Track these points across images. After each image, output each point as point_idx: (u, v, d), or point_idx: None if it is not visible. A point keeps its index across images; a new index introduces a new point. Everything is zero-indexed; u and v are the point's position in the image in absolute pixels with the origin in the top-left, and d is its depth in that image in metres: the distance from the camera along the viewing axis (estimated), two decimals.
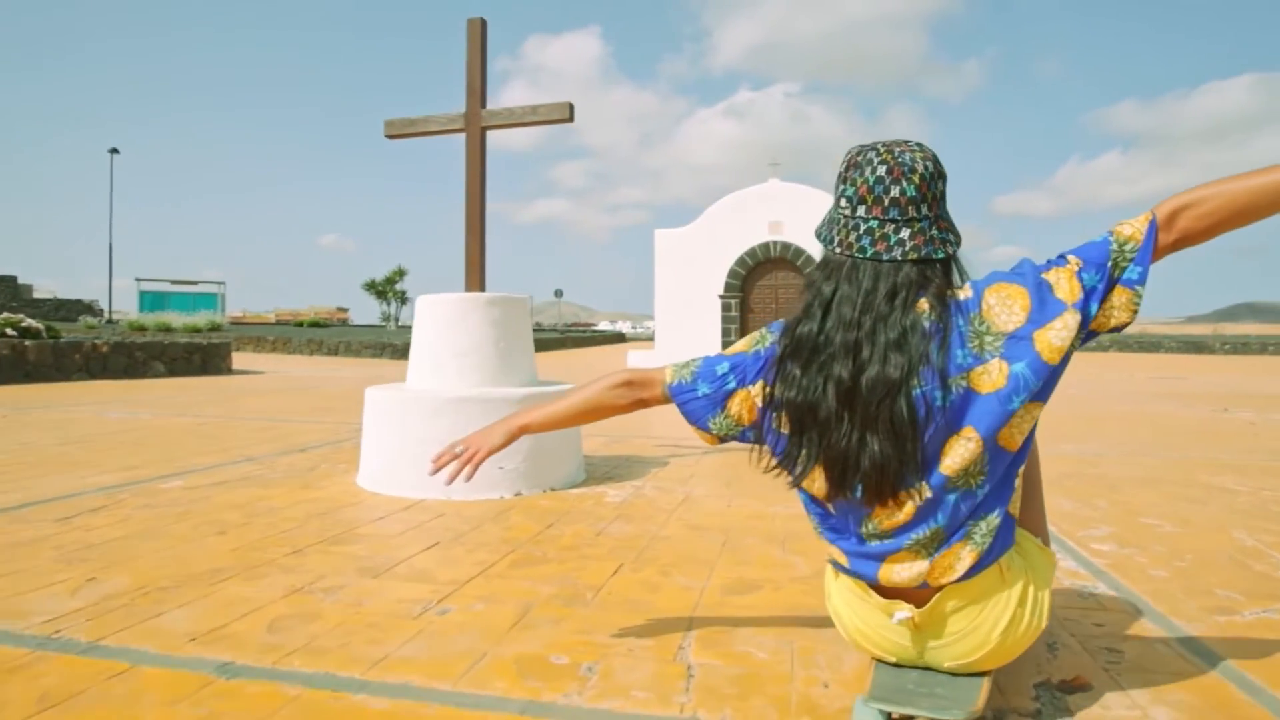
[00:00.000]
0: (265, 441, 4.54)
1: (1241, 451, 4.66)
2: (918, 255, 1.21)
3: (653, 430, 5.35)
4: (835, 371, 1.19)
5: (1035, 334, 1.17)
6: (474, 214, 3.54)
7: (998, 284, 1.22)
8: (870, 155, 1.24)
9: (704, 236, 17.92)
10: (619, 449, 4.44)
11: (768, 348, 1.32)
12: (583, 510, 2.87)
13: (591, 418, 1.49)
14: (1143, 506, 3.04)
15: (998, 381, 1.16)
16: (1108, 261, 1.19)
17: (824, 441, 1.20)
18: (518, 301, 3.42)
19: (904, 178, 1.21)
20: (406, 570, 2.08)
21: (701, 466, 3.88)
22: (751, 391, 1.32)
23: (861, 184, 1.22)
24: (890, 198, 1.21)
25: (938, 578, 1.21)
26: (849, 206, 1.24)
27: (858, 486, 1.19)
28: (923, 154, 1.23)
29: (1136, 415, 6.82)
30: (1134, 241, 1.20)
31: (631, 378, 1.45)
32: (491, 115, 3.52)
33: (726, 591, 1.97)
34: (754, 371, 1.33)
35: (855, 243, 1.23)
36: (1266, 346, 25.44)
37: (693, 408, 1.37)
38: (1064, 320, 1.17)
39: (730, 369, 1.35)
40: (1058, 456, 4.32)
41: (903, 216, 1.21)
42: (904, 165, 1.21)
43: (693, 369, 1.39)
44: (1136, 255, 1.19)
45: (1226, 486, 3.49)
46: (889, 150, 1.23)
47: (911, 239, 1.21)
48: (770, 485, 3.58)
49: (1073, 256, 1.22)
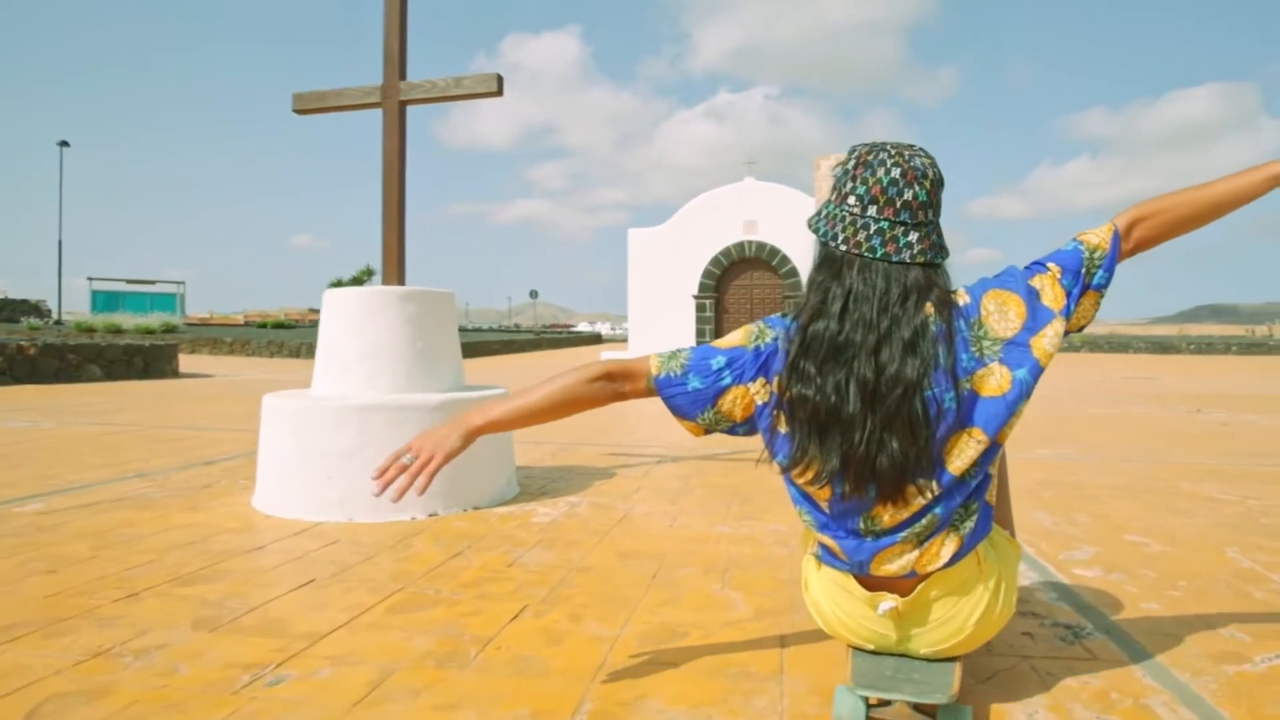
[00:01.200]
0: (170, 453, 4.13)
1: (1219, 454, 4.42)
2: (924, 259, 1.23)
3: (606, 437, 5.01)
4: (859, 371, 1.18)
5: (1031, 341, 1.23)
6: (392, 199, 3.17)
7: (994, 290, 1.26)
8: (882, 156, 1.24)
9: (678, 236, 17.62)
10: (565, 458, 4.09)
11: (768, 344, 1.30)
12: (502, 534, 2.52)
13: (564, 412, 1.38)
14: (1126, 520, 2.75)
15: (1002, 386, 1.20)
16: (1082, 269, 1.28)
17: (849, 442, 1.18)
18: (439, 297, 3.06)
19: (916, 182, 1.23)
20: (256, 620, 1.72)
21: (651, 478, 3.54)
22: (750, 389, 1.29)
23: (874, 184, 1.23)
24: (903, 200, 1.22)
25: (924, 565, 1.24)
26: (859, 205, 1.24)
27: (874, 486, 1.20)
28: (930, 161, 1.26)
29: (1111, 417, 6.60)
30: (1101, 250, 1.29)
31: (611, 369, 1.36)
32: (411, 88, 3.16)
33: (645, 641, 1.63)
34: (753, 369, 1.29)
35: (865, 242, 1.23)
36: (1230, 346, 25.96)
37: (681, 401, 1.32)
38: (1054, 327, 1.24)
39: (727, 364, 1.30)
40: (1034, 462, 4.04)
41: (912, 220, 1.23)
42: (917, 170, 1.23)
43: (683, 361, 1.33)
44: (1104, 262, 1.29)
45: (1210, 495, 3.22)
46: (899, 153, 1.24)
47: (919, 242, 1.23)
48: (720, 501, 3.23)
49: (1052, 264, 1.28)
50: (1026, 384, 1.21)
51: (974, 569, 1.27)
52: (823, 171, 13.81)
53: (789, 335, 1.26)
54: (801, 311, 1.27)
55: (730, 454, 4.30)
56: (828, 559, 1.32)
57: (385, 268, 3.19)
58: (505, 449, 3.13)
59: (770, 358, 1.28)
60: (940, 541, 1.23)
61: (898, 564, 1.24)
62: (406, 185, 3.19)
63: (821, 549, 1.34)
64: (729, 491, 3.24)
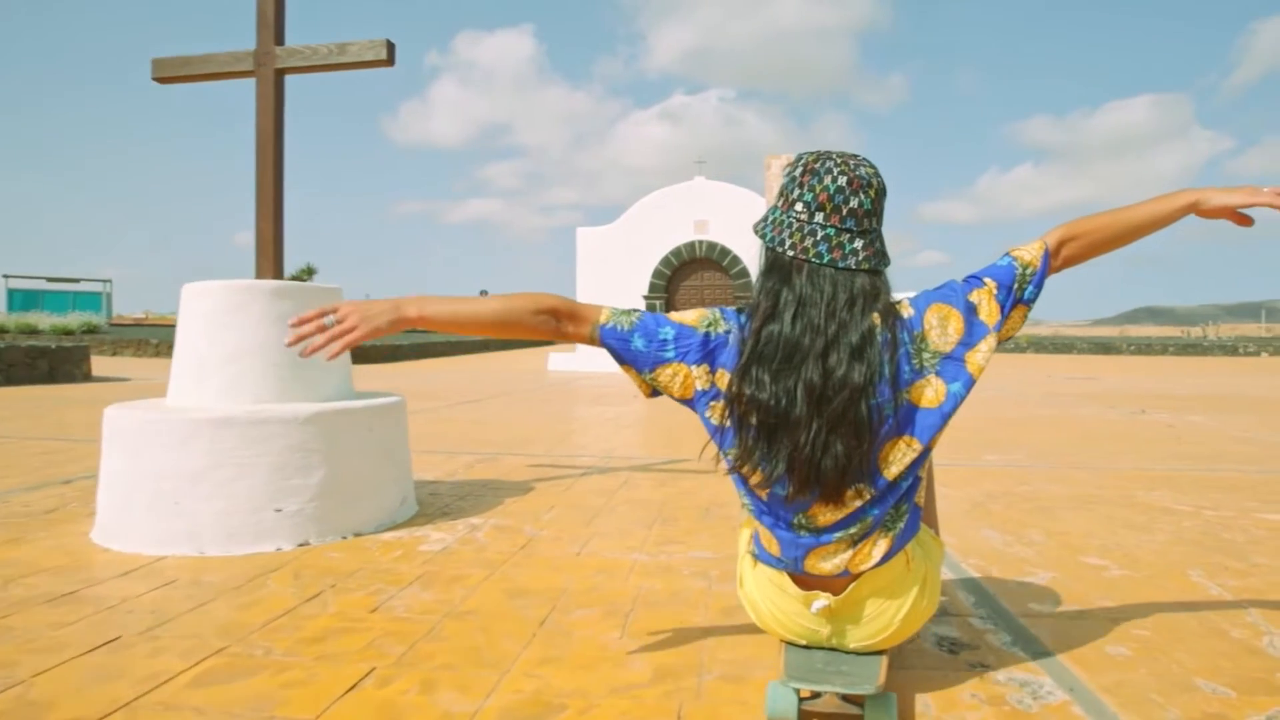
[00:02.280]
0: (27, 470, 3.65)
1: (1168, 458, 4.26)
2: (869, 266, 1.26)
3: (533, 446, 4.65)
4: (806, 375, 1.21)
5: (967, 355, 1.28)
6: (267, 180, 2.78)
7: (936, 304, 1.31)
8: (829, 165, 1.27)
9: (628, 236, 17.29)
10: (482, 470, 3.73)
11: (719, 335, 1.32)
12: (379, 567, 2.16)
13: (501, 332, 1.39)
14: (1082, 537, 2.51)
15: (938, 398, 1.26)
16: (1014, 284, 1.33)
17: (795, 444, 1.21)
18: (320, 293, 2.68)
19: (862, 190, 1.25)
20: (6, 705, 1.33)
21: (571, 494, 3.20)
22: (693, 372, 1.31)
23: (821, 191, 1.25)
24: (849, 208, 1.25)
25: (857, 565, 1.27)
26: (806, 212, 1.26)
27: (817, 489, 1.23)
28: (874, 170, 1.29)
29: (1058, 418, 6.48)
30: (1033, 267, 1.34)
31: (559, 306, 1.37)
32: (290, 54, 2.77)
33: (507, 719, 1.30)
34: (697, 353, 1.31)
35: (812, 248, 1.25)
36: (1167, 347, 26.78)
37: (624, 354, 1.35)
38: (987, 342, 1.29)
39: (674, 338, 1.33)
40: (982, 470, 3.81)
41: (858, 227, 1.26)
42: (862, 179, 1.26)
43: (633, 320, 1.36)
44: (1034, 279, 1.34)
45: (1166, 506, 3.01)
46: (845, 162, 1.27)
47: (864, 249, 1.26)
48: (642, 521, 2.89)
49: (988, 279, 1.33)
50: (960, 396, 1.26)
51: (903, 568, 1.31)
52: (774, 171, 13.62)
53: (741, 336, 1.28)
54: (754, 315, 1.28)
55: (665, 464, 3.99)
56: (764, 557, 1.36)
57: (259, 260, 2.79)
58: (401, 463, 2.76)
59: (718, 349, 1.30)
60: (873, 542, 1.27)
61: (832, 563, 1.28)
62: (285, 166, 2.80)
63: (758, 546, 1.37)
64: (654, 509, 2.92)
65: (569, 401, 8.00)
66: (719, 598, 1.91)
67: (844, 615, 1.30)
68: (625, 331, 1.34)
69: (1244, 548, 2.41)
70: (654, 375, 1.33)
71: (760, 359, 1.24)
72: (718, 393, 1.29)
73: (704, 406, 1.31)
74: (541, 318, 1.36)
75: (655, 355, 1.32)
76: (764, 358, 1.24)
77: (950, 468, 3.88)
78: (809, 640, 1.34)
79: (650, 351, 1.32)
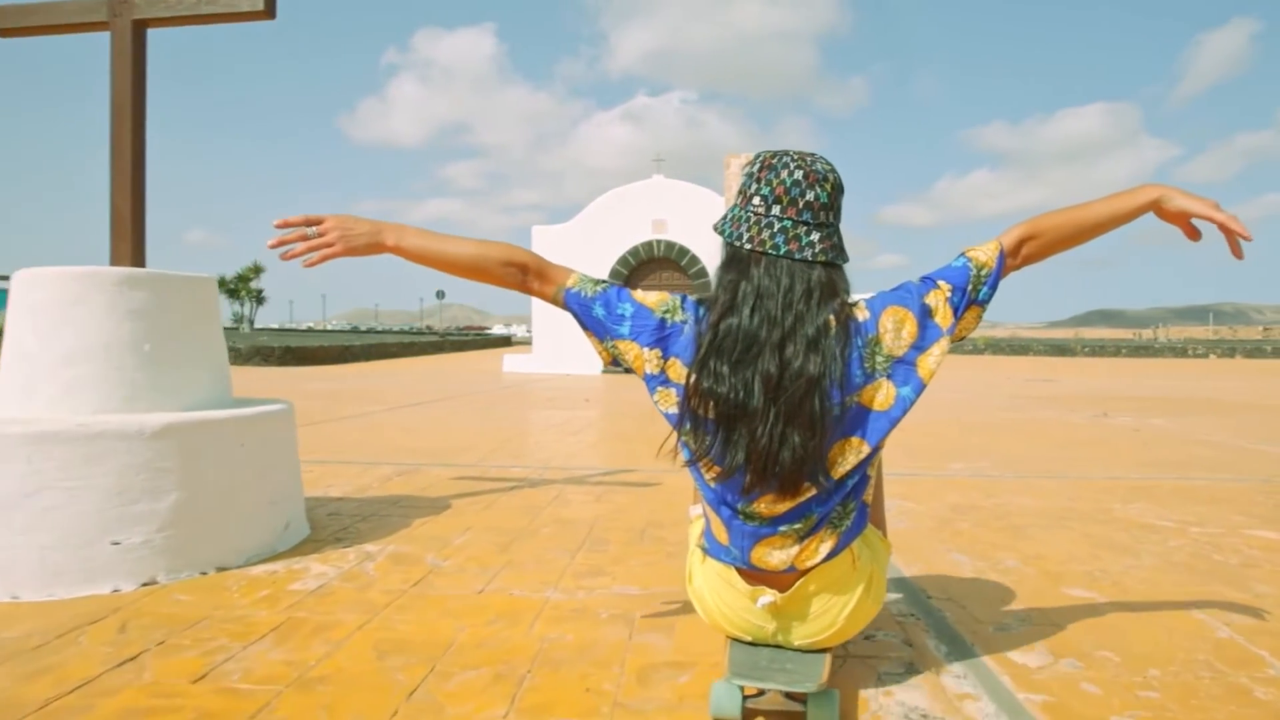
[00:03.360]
0: None
1: (1139, 466, 4.03)
2: (825, 258, 1.27)
3: (465, 455, 4.26)
4: (764, 367, 1.21)
5: (918, 359, 1.28)
6: (124, 150, 2.35)
7: (891, 307, 1.30)
8: (785, 160, 1.29)
9: (585, 234, 16.90)
10: (400, 485, 3.33)
11: (675, 324, 1.32)
12: (230, 614, 1.77)
13: (468, 275, 1.41)
14: (1061, 562, 2.22)
15: (888, 401, 1.27)
16: (968, 285, 1.33)
17: (753, 436, 1.21)
18: (185, 284, 2.27)
19: (818, 184, 1.27)
20: None
21: (492, 511, 2.83)
22: (644, 354, 1.32)
23: (778, 185, 1.27)
24: (805, 201, 1.26)
25: (804, 561, 1.28)
26: (763, 205, 1.28)
27: (775, 481, 1.22)
28: (831, 167, 1.31)
29: (1021, 422, 6.27)
30: (987, 268, 1.34)
31: (529, 262, 1.40)
32: (151, 3, 2.35)
33: None
34: (650, 336, 1.32)
35: (769, 240, 1.26)
36: (1120, 349, 27.31)
37: (585, 320, 1.37)
38: (940, 345, 1.30)
39: (631, 316, 1.34)
40: (948, 480, 3.53)
41: (814, 220, 1.27)
42: (818, 173, 1.28)
43: (598, 290, 1.38)
44: (988, 280, 1.34)
45: (1148, 522, 2.75)
46: (802, 158, 1.29)
47: (820, 242, 1.27)
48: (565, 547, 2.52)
49: (942, 281, 1.33)
50: (909, 400, 1.27)
51: (849, 565, 1.31)
52: (733, 170, 13.34)
53: (699, 329, 1.28)
54: (712, 308, 1.28)
55: (604, 475, 3.63)
56: (713, 550, 1.35)
57: (114, 243, 2.37)
58: (283, 481, 2.37)
59: (672, 337, 1.31)
60: (820, 538, 1.28)
61: (778, 557, 1.28)
62: (146, 134, 2.38)
63: (709, 539, 1.36)
64: (583, 530, 2.57)
65: (518, 405, 7.60)
66: (639, 653, 1.56)
67: (790, 611, 1.30)
68: (588, 298, 1.37)
69: (1241, 574, 2.14)
70: (613, 344, 1.35)
71: (719, 352, 1.23)
72: (666, 379, 1.31)
73: (653, 390, 1.32)
74: (510, 270, 1.39)
75: (612, 329, 1.34)
76: (723, 351, 1.23)
77: (914, 478, 3.60)
78: (755, 637, 1.34)
79: (608, 324, 1.35)
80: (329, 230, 1.36)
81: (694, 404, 1.24)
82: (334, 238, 1.36)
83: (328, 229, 1.36)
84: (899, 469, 3.84)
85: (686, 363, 1.28)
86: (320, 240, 1.35)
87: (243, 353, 17.25)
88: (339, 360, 19.16)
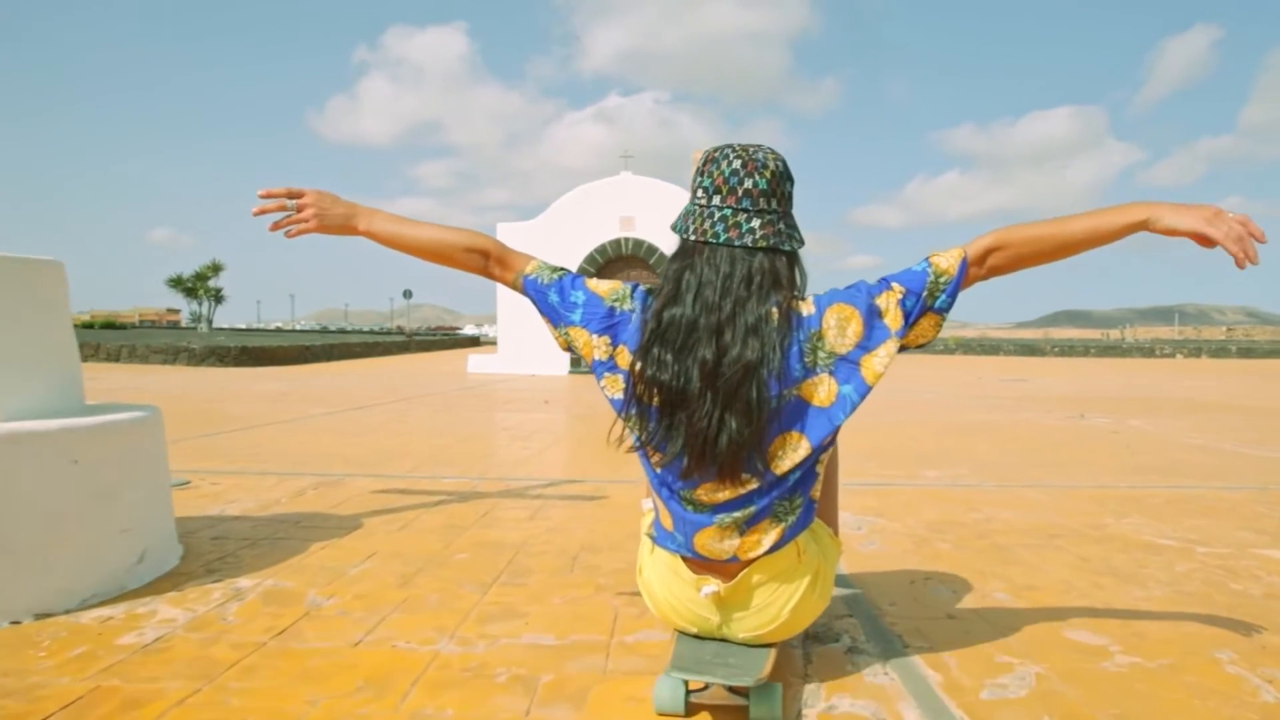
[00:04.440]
0: None
1: (1127, 473, 3.75)
2: (767, 244, 1.27)
3: (396, 464, 3.86)
4: (701, 354, 1.23)
5: (862, 359, 1.27)
6: None
7: (838, 304, 1.29)
8: (726, 151, 1.31)
9: (551, 232, 16.48)
10: (315, 499, 2.93)
11: (623, 312, 1.35)
12: (19, 683, 1.37)
13: (436, 260, 1.47)
14: (1059, 593, 1.90)
15: (829, 398, 1.25)
16: (924, 291, 1.30)
17: (690, 421, 1.22)
18: (16, 267, 1.86)
19: (757, 172, 1.28)
20: None
21: (406, 533, 2.45)
22: (593, 341, 1.35)
23: (718, 175, 1.29)
24: (744, 189, 1.27)
25: (746, 552, 1.28)
26: (705, 197, 1.30)
27: (714, 467, 1.23)
28: (774, 155, 1.31)
29: (997, 426, 6.00)
30: (947, 275, 1.30)
31: (491, 249, 1.45)
32: None
33: None
34: (600, 323, 1.35)
35: (710, 229, 1.28)
36: (1089, 349, 27.53)
37: (540, 304, 1.40)
38: (886, 348, 1.27)
39: (583, 304, 1.37)
40: (923, 491, 3.21)
41: (754, 207, 1.28)
42: (757, 161, 1.28)
43: (555, 277, 1.41)
44: (948, 287, 1.30)
45: (1147, 540, 2.44)
46: (744, 149, 1.31)
47: (761, 228, 1.28)
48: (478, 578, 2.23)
49: (897, 284, 1.30)
50: (851, 400, 1.25)
51: (794, 559, 1.31)
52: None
53: (644, 318, 1.30)
54: (657, 297, 1.30)
55: (544, 488, 3.26)
56: (660, 538, 1.36)
57: None
58: (138, 504, 1.96)
59: (620, 325, 1.34)
60: (762, 529, 1.28)
61: (720, 546, 1.28)
62: None
63: (657, 528, 1.37)
64: (505, 557, 2.20)
65: (473, 407, 7.19)
66: None
67: (733, 602, 1.30)
68: (544, 285, 1.40)
69: (1265, 606, 1.83)
70: (566, 330, 1.37)
71: (662, 340, 1.25)
72: (614, 366, 1.32)
73: (600, 376, 1.34)
74: (473, 255, 1.44)
75: (564, 315, 1.37)
76: (665, 339, 1.25)
77: (886, 489, 3.27)
78: (700, 629, 1.34)
79: (560, 310, 1.37)
80: (307, 206, 1.44)
81: (639, 391, 1.26)
82: (310, 214, 1.44)
83: (306, 204, 1.44)
84: (869, 478, 3.52)
85: (633, 350, 1.29)
86: (297, 216, 1.44)
87: (197, 354, 16.61)
88: (299, 361, 18.56)
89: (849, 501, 2.94)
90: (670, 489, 1.30)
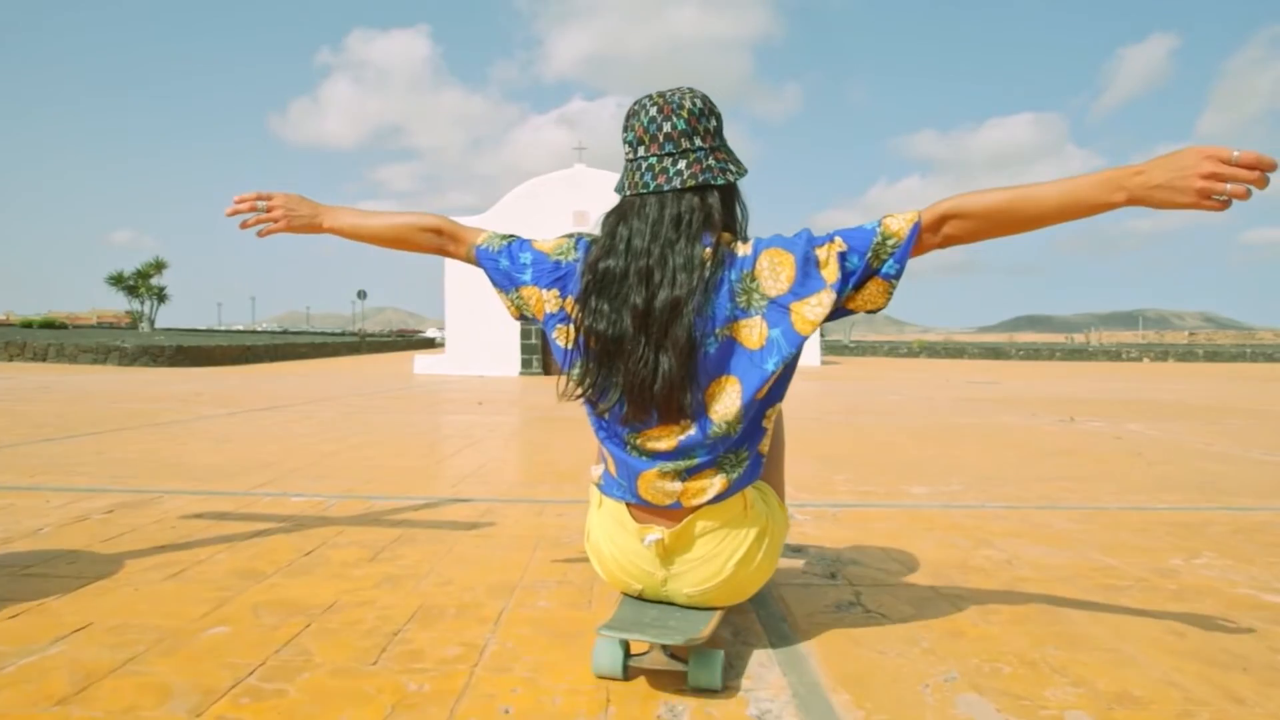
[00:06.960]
0: None
1: (1157, 489, 3.04)
2: (695, 182, 1.28)
3: (248, 478, 3.01)
4: (633, 300, 1.25)
5: (793, 305, 1.25)
6: None
7: (774, 249, 1.29)
8: (644, 102, 1.33)
9: (501, 225, 15.58)
10: (98, 526, 2.10)
11: (568, 263, 1.36)
12: None
13: (396, 246, 1.54)
14: (1173, 714, 1.15)
15: (759, 340, 1.25)
16: (868, 251, 1.26)
17: (627, 365, 1.24)
18: None
19: (674, 114, 1.30)
20: None
21: (160, 591, 1.64)
22: (544, 295, 1.36)
23: (638, 126, 1.32)
24: (664, 134, 1.30)
25: (690, 498, 1.28)
26: (631, 150, 1.33)
27: (654, 410, 1.25)
28: (692, 94, 1.32)
29: (983, 430, 5.30)
30: (897, 238, 1.25)
31: (443, 226, 1.50)
32: None
33: None
34: (548, 278, 1.36)
35: (640, 180, 1.30)
36: (1054, 353, 27.42)
37: (493, 274, 1.43)
38: (820, 298, 1.25)
39: (530, 263, 1.39)
40: (914, 514, 2.45)
41: (677, 149, 1.29)
42: (673, 104, 1.30)
43: (504, 243, 1.44)
44: (896, 252, 1.25)
45: (1245, 594, 1.72)
46: (660, 95, 1.32)
47: (689, 168, 1.29)
48: (189, 695, 1.24)
49: (839, 239, 1.28)
50: (779, 345, 1.23)
51: (740, 510, 1.31)
52: None
53: (581, 269, 1.32)
54: (593, 249, 1.32)
55: (419, 508, 2.45)
56: (606, 486, 1.37)
57: None
58: None
59: (568, 276, 1.35)
60: (706, 476, 1.27)
61: (664, 489, 1.28)
62: None
63: (605, 477, 1.38)
64: (283, 632, 1.39)
65: (395, 410, 6.33)
66: None
67: (677, 548, 1.29)
68: (494, 253, 1.43)
69: None
70: (517, 294, 1.39)
71: (600, 290, 1.27)
72: (566, 317, 1.33)
73: (552, 328, 1.35)
74: (428, 235, 1.51)
75: (515, 277, 1.40)
76: (602, 289, 1.27)
77: (864, 511, 2.52)
78: (645, 585, 1.34)
79: (511, 273, 1.40)
80: (276, 207, 1.56)
81: (581, 340, 1.28)
82: (279, 214, 1.56)
83: (275, 205, 1.56)
84: (841, 497, 2.77)
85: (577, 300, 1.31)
86: (267, 217, 1.55)
87: (129, 352, 15.50)
88: (240, 361, 17.47)
89: (813, 532, 2.19)
90: (617, 437, 1.31)
